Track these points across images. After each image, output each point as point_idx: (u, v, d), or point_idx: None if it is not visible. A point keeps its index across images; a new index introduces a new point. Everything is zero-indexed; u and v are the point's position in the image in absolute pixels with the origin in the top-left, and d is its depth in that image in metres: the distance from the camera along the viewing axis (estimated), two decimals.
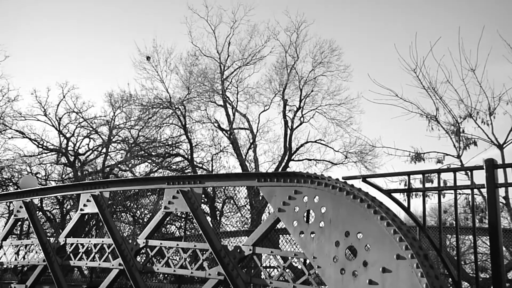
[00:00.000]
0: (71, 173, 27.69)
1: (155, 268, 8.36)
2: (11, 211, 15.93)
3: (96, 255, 9.29)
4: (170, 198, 8.13)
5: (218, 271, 7.21)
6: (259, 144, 29.93)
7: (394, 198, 6.08)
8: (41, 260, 10.12)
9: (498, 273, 5.10)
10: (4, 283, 10.92)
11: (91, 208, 9.45)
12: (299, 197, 6.45)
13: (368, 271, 5.47)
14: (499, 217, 5.21)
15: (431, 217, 23.36)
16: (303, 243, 6.25)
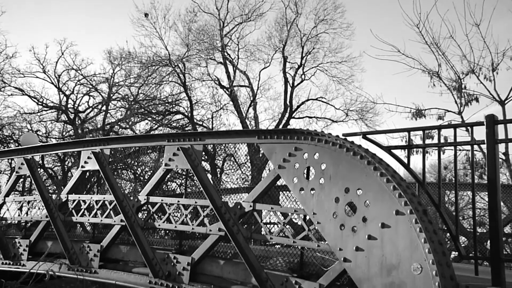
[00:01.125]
0: (72, 131, 27.73)
1: (157, 224, 8.45)
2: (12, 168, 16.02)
3: (98, 211, 9.38)
4: (170, 155, 8.16)
5: (219, 227, 7.29)
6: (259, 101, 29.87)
7: (394, 154, 6.09)
8: (43, 216, 10.23)
9: (495, 227, 5.15)
10: (9, 238, 11.07)
11: (92, 165, 9.49)
12: (299, 154, 6.46)
13: (367, 226, 5.52)
14: (498, 173, 5.23)
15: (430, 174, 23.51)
16: (303, 199, 6.30)
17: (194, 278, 7.71)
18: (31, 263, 9.83)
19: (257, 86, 29.47)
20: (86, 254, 9.24)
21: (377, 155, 5.93)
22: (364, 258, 5.49)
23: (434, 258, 4.89)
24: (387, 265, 5.25)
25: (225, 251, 8.16)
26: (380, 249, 5.35)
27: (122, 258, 9.20)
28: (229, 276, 7.54)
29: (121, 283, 8.87)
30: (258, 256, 7.21)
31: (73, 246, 9.55)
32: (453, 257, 8.74)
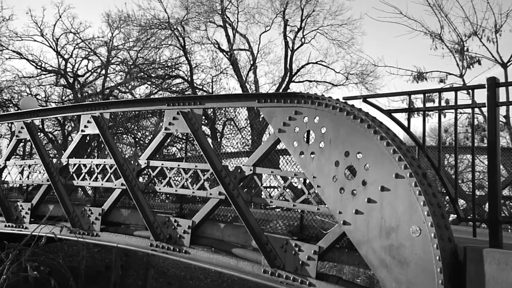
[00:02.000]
0: (71, 95, 27.62)
1: (157, 188, 8.49)
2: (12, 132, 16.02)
3: (99, 175, 9.41)
4: (170, 119, 8.14)
5: (219, 190, 7.32)
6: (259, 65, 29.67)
7: (394, 118, 6.06)
8: (45, 180, 10.28)
9: (494, 189, 5.16)
10: (11, 201, 11.15)
11: (91, 129, 9.48)
12: (299, 118, 6.44)
13: (367, 190, 5.55)
14: (498, 136, 5.22)
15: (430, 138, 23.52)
16: (303, 163, 6.31)
17: (194, 241, 7.79)
18: (33, 226, 9.93)
19: (257, 50, 29.23)
20: (88, 217, 9.31)
21: (377, 118, 5.91)
22: (364, 221, 5.53)
23: (433, 221, 4.92)
24: (386, 228, 5.29)
25: (225, 215, 8.22)
26: (380, 212, 5.38)
27: (124, 221, 9.28)
28: (229, 239, 7.61)
29: (122, 245, 8.97)
30: (258, 219, 7.27)
31: (75, 209, 9.62)
32: (451, 219, 8.82)
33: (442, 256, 4.83)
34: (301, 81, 29.65)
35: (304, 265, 6.25)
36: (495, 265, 4.57)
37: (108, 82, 28.60)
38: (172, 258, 8.22)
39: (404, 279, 5.11)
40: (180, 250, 7.79)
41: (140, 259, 21.35)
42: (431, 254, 4.89)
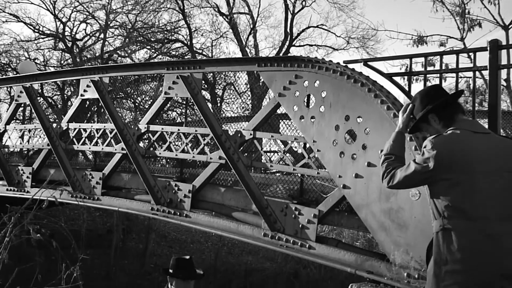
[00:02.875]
0: (70, 59, 27.42)
1: (158, 152, 8.51)
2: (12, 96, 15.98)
3: (99, 140, 9.42)
4: (170, 83, 8.10)
5: (219, 155, 7.33)
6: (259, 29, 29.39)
7: (395, 81, 6.03)
8: (45, 145, 10.29)
9: None
10: (12, 165, 11.19)
11: (91, 93, 9.45)
12: (300, 82, 6.41)
13: (367, 154, 5.56)
14: (499, 99, 5.20)
15: None
16: (303, 127, 6.31)
17: (195, 205, 7.84)
18: (35, 190, 9.99)
19: (257, 13, 28.89)
20: (89, 181, 9.36)
21: (378, 82, 5.88)
22: (363, 185, 5.56)
23: None
24: (386, 192, 5.32)
25: (225, 179, 8.26)
26: (379, 176, 5.39)
27: (124, 185, 9.33)
28: (230, 203, 7.67)
29: (123, 209, 9.03)
30: (258, 183, 7.31)
31: (75, 173, 9.66)
32: None
33: None
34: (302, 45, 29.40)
35: (304, 229, 6.31)
36: None
37: (107, 47, 28.35)
38: (173, 222, 8.29)
39: (403, 241, 5.16)
40: (181, 214, 7.85)
41: (141, 223, 21.55)
42: (430, 218, 4.92)
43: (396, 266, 5.17)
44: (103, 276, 17.68)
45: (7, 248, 4.10)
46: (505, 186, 2.95)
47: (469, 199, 2.92)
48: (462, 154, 2.97)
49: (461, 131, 3.08)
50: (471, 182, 2.92)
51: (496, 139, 3.17)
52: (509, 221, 2.90)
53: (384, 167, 3.36)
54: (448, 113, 3.20)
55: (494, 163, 2.98)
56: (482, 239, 2.87)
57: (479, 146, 3.02)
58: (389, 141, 3.47)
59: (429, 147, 3.04)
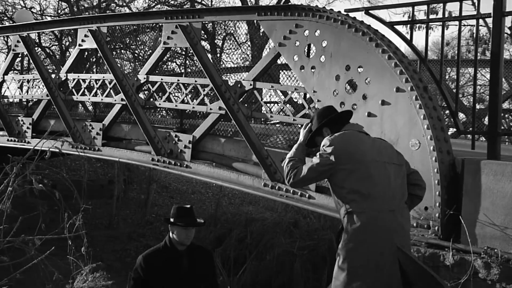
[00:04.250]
0: (67, 8, 26.98)
1: (157, 103, 8.49)
2: (9, 46, 15.82)
3: (98, 91, 9.39)
4: (169, 33, 8.00)
5: (219, 105, 7.32)
6: None
7: (396, 30, 5.95)
8: (44, 95, 10.26)
9: (495, 102, 5.15)
10: (12, 116, 11.19)
11: (89, 43, 9.35)
12: (300, 31, 6.33)
13: (367, 104, 5.55)
14: (502, 47, 5.13)
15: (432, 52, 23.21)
16: (304, 77, 6.27)
17: (195, 155, 7.88)
18: (35, 140, 10.02)
19: None
20: (89, 132, 9.37)
21: (379, 31, 5.81)
22: None
23: (432, 134, 4.95)
24: None
25: (225, 130, 8.26)
26: (380, 126, 5.40)
27: (125, 136, 9.35)
28: (230, 154, 7.69)
29: (124, 160, 9.09)
30: (259, 134, 7.31)
31: (76, 124, 9.66)
32: (451, 133, 8.87)
33: (440, 168, 4.90)
34: None
35: None
36: (491, 176, 4.64)
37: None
38: (174, 172, 8.35)
39: None
40: (181, 164, 7.89)
41: (142, 174, 21.69)
42: (429, 167, 4.96)
43: None
44: (105, 225, 17.93)
45: (10, 198, 4.15)
46: (388, 172, 3.58)
47: (364, 183, 3.48)
48: (355, 147, 3.59)
49: (350, 131, 3.75)
50: (364, 169, 3.51)
51: (374, 139, 3.83)
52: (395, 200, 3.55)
53: (289, 166, 3.78)
54: (338, 127, 3.81)
55: (378, 155, 3.61)
56: (378, 216, 3.45)
57: (366, 142, 3.68)
58: (293, 149, 3.96)
59: (328, 144, 3.61)
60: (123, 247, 16.40)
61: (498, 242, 4.53)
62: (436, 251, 4.73)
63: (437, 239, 4.86)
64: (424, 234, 4.97)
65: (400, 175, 3.70)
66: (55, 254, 5.19)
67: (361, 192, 3.47)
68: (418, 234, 4.98)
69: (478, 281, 4.42)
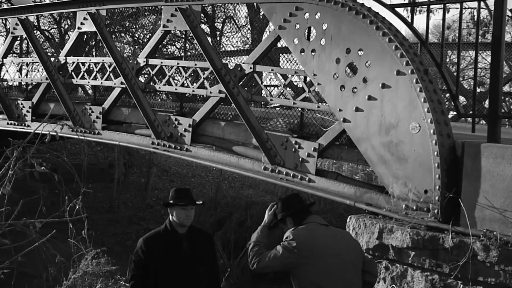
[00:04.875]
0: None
1: (157, 87, 8.47)
2: (7, 29, 15.75)
3: (98, 74, 9.36)
4: (168, 16, 7.95)
5: (219, 89, 7.30)
6: None
7: (397, 13, 5.91)
8: (43, 78, 10.23)
9: (496, 85, 5.14)
10: (11, 99, 11.17)
11: (88, 26, 9.30)
12: (300, 14, 6.29)
13: (368, 87, 5.53)
14: (504, 29, 5.10)
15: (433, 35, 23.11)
16: (304, 60, 6.25)
17: (195, 139, 7.88)
18: (35, 124, 10.01)
19: None
20: (89, 116, 9.36)
21: (379, 14, 5.77)
22: (364, 118, 5.56)
23: (432, 117, 4.95)
24: (386, 125, 5.34)
25: (225, 113, 8.26)
26: (380, 109, 5.40)
27: (124, 120, 9.34)
28: (230, 137, 7.70)
29: (124, 144, 9.09)
30: (259, 117, 7.30)
31: (75, 108, 9.65)
32: (451, 116, 8.86)
33: (440, 151, 4.91)
34: None
35: (304, 162, 6.36)
36: (491, 159, 4.65)
37: None
38: (174, 156, 8.36)
39: (402, 174, 5.22)
40: (182, 148, 7.90)
41: (143, 157, 21.72)
42: (429, 150, 4.97)
43: (395, 198, 5.25)
44: (106, 209, 18.00)
45: (11, 181, 4.16)
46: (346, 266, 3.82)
47: (323, 277, 3.71)
48: (316, 241, 3.82)
49: (313, 223, 3.98)
50: (324, 264, 3.73)
51: (333, 229, 4.11)
52: None
53: (254, 251, 3.99)
54: (300, 218, 4.06)
55: (337, 249, 3.85)
56: None
57: (327, 236, 3.92)
58: (257, 232, 4.19)
59: (291, 238, 3.84)
60: (123, 230, 16.49)
61: (497, 225, 4.55)
62: (435, 234, 4.75)
63: (437, 222, 4.88)
64: (423, 217, 4.99)
65: (358, 265, 3.96)
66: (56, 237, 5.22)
67: (321, 286, 3.71)
68: (418, 217, 5.00)
69: (476, 264, 4.45)
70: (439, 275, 4.74)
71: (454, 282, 4.63)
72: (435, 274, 4.77)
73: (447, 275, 4.66)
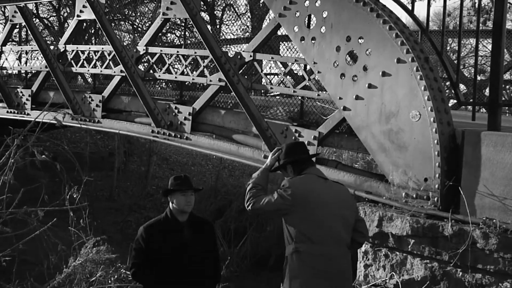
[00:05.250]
0: None
1: (157, 75, 8.46)
2: (6, 17, 15.71)
3: (98, 62, 9.34)
4: (168, 3, 7.92)
5: (219, 77, 7.29)
6: None
7: (398, 0, 5.87)
8: (43, 67, 10.21)
9: (496, 72, 5.12)
10: (11, 88, 11.16)
11: (87, 14, 9.26)
12: (300, 2, 6.26)
13: (368, 75, 5.52)
14: (505, 16, 5.08)
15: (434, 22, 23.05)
16: (304, 48, 6.23)
17: (195, 127, 7.88)
18: (35, 113, 10.01)
19: None
20: (88, 104, 9.35)
21: (380, 1, 5.75)
22: (364, 106, 5.55)
23: (433, 105, 4.94)
24: (386, 113, 5.33)
25: (225, 101, 8.25)
26: (380, 97, 5.39)
27: (124, 108, 9.33)
28: (230, 126, 7.69)
29: (124, 132, 9.10)
30: (259, 106, 7.30)
31: (75, 96, 9.64)
32: (451, 104, 8.86)
33: (440, 139, 4.91)
34: None
35: None
36: (491, 147, 4.65)
37: None
38: (174, 144, 8.36)
39: (402, 162, 5.23)
40: (182, 136, 7.90)
41: (143, 146, 21.71)
42: (429, 138, 4.97)
43: (395, 186, 5.26)
44: (106, 197, 18.02)
45: (12, 169, 4.17)
46: (338, 219, 3.89)
47: (314, 228, 3.81)
48: (311, 192, 3.89)
49: (310, 175, 4.05)
50: (316, 215, 3.82)
51: (331, 183, 4.14)
52: (340, 247, 3.89)
53: (252, 193, 4.07)
54: (301, 168, 4.12)
55: (331, 202, 3.91)
56: (322, 260, 3.79)
57: (321, 190, 3.96)
58: (258, 173, 4.27)
59: (287, 185, 3.93)
60: (124, 218, 16.53)
61: (497, 213, 4.56)
62: (435, 221, 4.76)
63: (436, 210, 4.89)
64: (423, 205, 5.01)
65: (349, 221, 4.01)
66: (57, 226, 5.25)
67: (310, 235, 3.80)
68: (418, 205, 5.02)
69: (476, 251, 4.47)
70: (439, 263, 4.76)
71: (453, 270, 4.65)
72: (434, 261, 4.79)
73: (447, 262, 4.68)
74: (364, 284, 5.29)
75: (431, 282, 4.77)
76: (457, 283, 4.62)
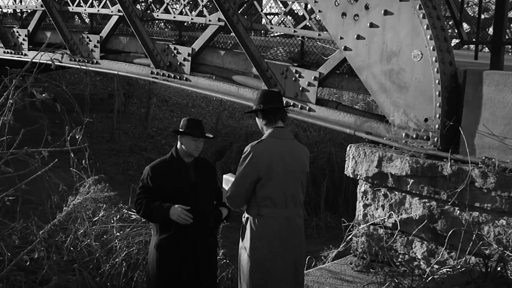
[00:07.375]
0: None
1: (155, 15, 8.32)
2: None
3: (95, 1, 9.16)
4: None
5: (219, 17, 7.17)
6: None
7: None
8: (38, 6, 10.02)
9: (501, 8, 5.00)
10: (6, 27, 10.98)
11: None
12: None
13: (370, 14, 5.42)
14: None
15: None
16: None
17: (195, 68, 7.82)
18: (33, 53, 9.90)
19: None
20: (86, 44, 9.24)
21: None
22: (365, 46, 5.48)
23: (435, 45, 4.88)
24: (388, 53, 5.27)
25: (225, 42, 8.15)
26: (381, 37, 5.32)
27: (123, 49, 9.23)
28: (229, 66, 7.63)
29: (123, 73, 9.03)
30: (258, 46, 7.22)
31: (73, 36, 9.51)
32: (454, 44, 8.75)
33: (441, 79, 4.87)
34: None
35: (304, 91, 6.33)
36: (493, 87, 4.62)
37: None
38: (173, 85, 8.32)
39: (402, 103, 5.21)
40: (181, 77, 7.84)
41: (142, 88, 21.59)
42: (430, 78, 4.93)
43: (395, 127, 5.26)
44: (107, 139, 18.06)
45: (11, 110, 4.16)
46: (296, 182, 3.98)
47: (277, 192, 3.87)
48: (271, 158, 3.88)
49: (271, 139, 3.98)
50: (276, 179, 3.87)
51: (292, 145, 4.07)
52: (296, 206, 3.99)
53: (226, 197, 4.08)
54: (270, 118, 4.04)
55: (292, 165, 3.96)
56: (283, 222, 3.91)
57: (284, 152, 3.96)
58: None
59: (248, 150, 3.91)
60: (125, 160, 16.61)
61: (496, 152, 4.58)
62: (434, 161, 4.79)
63: (436, 150, 4.91)
64: (423, 145, 5.02)
65: (304, 181, 4.10)
66: (59, 167, 5.27)
67: (273, 200, 3.88)
68: (417, 145, 5.03)
69: (474, 190, 4.52)
70: (437, 202, 4.82)
71: (451, 208, 4.72)
72: (432, 201, 4.85)
73: (445, 201, 4.75)
74: (363, 223, 5.38)
75: (429, 220, 4.85)
76: (454, 221, 4.69)
